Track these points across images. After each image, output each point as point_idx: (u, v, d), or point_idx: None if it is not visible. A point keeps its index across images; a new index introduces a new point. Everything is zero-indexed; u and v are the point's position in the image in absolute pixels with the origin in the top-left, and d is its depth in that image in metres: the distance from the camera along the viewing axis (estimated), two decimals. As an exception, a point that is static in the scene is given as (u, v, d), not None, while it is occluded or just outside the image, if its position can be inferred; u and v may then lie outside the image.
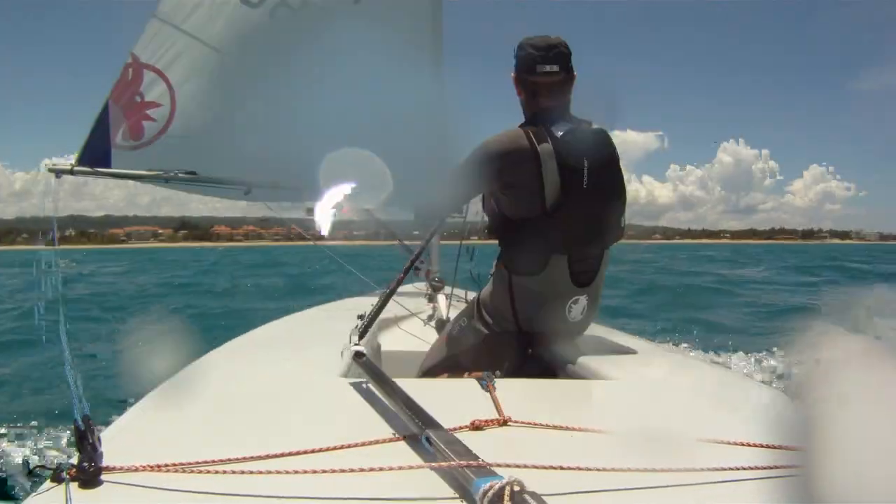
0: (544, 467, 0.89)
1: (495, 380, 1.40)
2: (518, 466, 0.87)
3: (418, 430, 1.00)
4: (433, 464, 0.89)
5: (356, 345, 1.65)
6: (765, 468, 0.91)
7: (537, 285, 1.95)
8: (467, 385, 1.43)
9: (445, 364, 2.15)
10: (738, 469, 0.92)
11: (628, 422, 1.26)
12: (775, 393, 1.55)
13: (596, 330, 2.25)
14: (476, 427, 1.09)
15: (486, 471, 0.80)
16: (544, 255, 1.91)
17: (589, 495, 0.84)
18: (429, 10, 3.89)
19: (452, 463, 0.85)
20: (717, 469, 0.91)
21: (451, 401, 1.33)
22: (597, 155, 1.89)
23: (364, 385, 1.49)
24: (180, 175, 3.52)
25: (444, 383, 1.67)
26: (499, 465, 0.88)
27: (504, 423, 1.12)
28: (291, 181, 3.32)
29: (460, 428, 1.07)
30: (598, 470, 0.88)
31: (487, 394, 1.32)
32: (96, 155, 3.60)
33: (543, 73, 1.91)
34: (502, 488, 0.72)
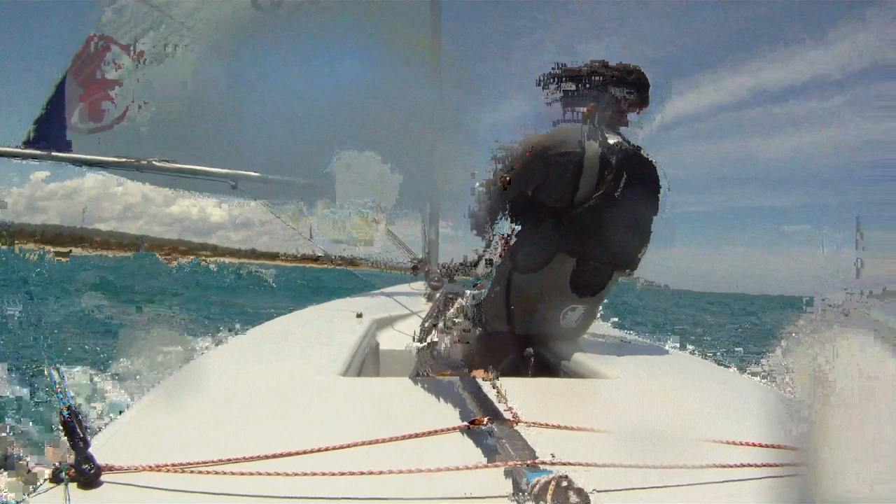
0: (543, 465, 0.88)
1: (494, 380, 1.39)
2: (501, 466, 0.88)
3: (487, 422, 1.02)
4: (439, 465, 0.89)
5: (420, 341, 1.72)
6: (764, 466, 0.92)
7: (536, 283, 1.93)
8: (462, 385, 1.42)
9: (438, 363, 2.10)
10: (736, 467, 0.92)
11: (627, 421, 1.25)
12: (775, 392, 1.52)
13: (594, 329, 2.23)
14: (474, 427, 1.08)
15: (537, 466, 0.83)
16: (551, 251, 1.90)
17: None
18: (427, 7, 3.69)
19: (450, 467, 0.87)
20: (715, 468, 0.91)
21: (451, 400, 1.33)
22: (637, 173, 1.90)
23: (362, 384, 1.52)
24: (155, 163, 3.12)
25: (443, 383, 1.63)
26: (496, 465, 0.88)
27: (502, 422, 1.11)
28: (282, 176, 3.02)
29: (458, 428, 1.07)
30: (596, 466, 0.87)
31: (485, 394, 1.31)
32: (48, 137, 3.17)
33: (623, 93, 1.97)
34: (549, 482, 0.74)
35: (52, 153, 3.13)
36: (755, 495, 0.87)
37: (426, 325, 1.96)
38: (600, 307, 2.09)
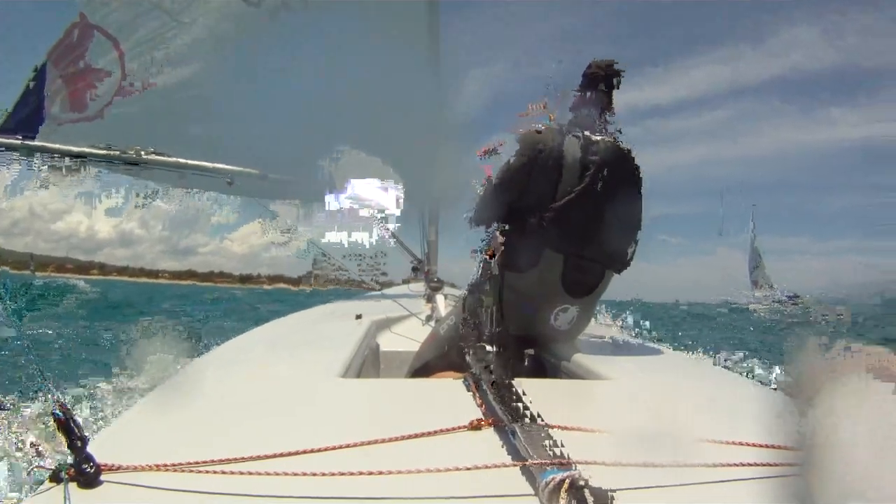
0: (542, 465, 0.88)
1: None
2: (516, 465, 0.89)
3: (508, 422, 1.02)
4: (438, 466, 0.88)
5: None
6: (762, 466, 0.92)
7: (527, 283, 1.91)
8: (465, 386, 1.43)
9: (433, 364, 2.12)
10: (736, 466, 0.92)
11: (624, 421, 1.25)
12: (773, 393, 1.54)
13: (592, 329, 2.24)
14: (474, 427, 1.08)
15: (557, 464, 0.83)
16: (539, 250, 1.88)
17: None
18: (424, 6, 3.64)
19: (459, 466, 0.87)
20: (715, 468, 0.91)
21: (451, 401, 1.33)
22: (617, 166, 1.90)
23: (361, 385, 1.55)
24: (146, 156, 2.94)
25: (442, 384, 1.67)
26: (499, 466, 0.88)
27: (500, 422, 1.11)
28: (279, 174, 2.91)
29: (459, 427, 1.07)
30: (594, 464, 0.87)
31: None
32: (25, 124, 2.97)
33: (602, 91, 1.99)
34: (563, 480, 0.74)
35: (30, 143, 2.93)
36: (753, 495, 0.87)
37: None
38: (595, 309, 2.08)
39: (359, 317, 2.63)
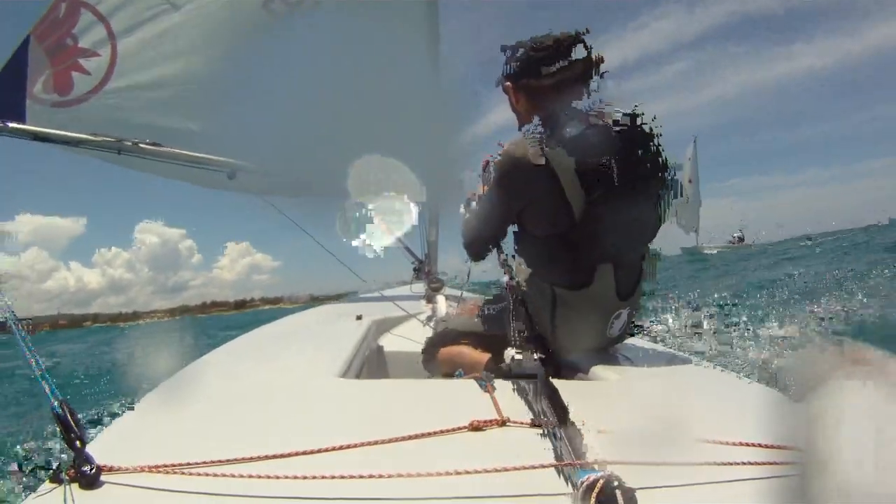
0: (542, 466, 0.90)
1: (494, 380, 1.40)
2: (515, 469, 0.89)
3: (549, 424, 1.05)
4: (438, 469, 0.89)
5: (517, 352, 1.62)
6: (762, 465, 0.93)
7: (584, 301, 1.72)
8: (466, 386, 1.44)
9: (459, 337, 1.99)
10: (738, 465, 0.94)
11: (625, 422, 1.25)
12: (773, 393, 1.54)
13: None
14: (475, 428, 1.08)
15: (587, 465, 0.85)
16: (589, 267, 1.68)
17: None
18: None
19: (452, 471, 0.87)
20: (714, 468, 0.92)
21: (451, 401, 1.34)
22: (623, 148, 1.63)
23: (361, 385, 1.56)
24: (142, 145, 2.78)
25: (443, 384, 1.67)
26: (496, 471, 0.88)
27: (503, 423, 1.11)
28: (281, 169, 2.83)
29: (460, 428, 1.07)
30: (617, 464, 0.88)
31: (486, 394, 1.32)
32: (4, 105, 2.76)
33: (549, 74, 1.65)
34: (596, 481, 0.75)
35: (16, 126, 2.73)
36: (753, 496, 0.88)
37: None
38: (639, 308, 1.91)
39: (359, 317, 2.62)
